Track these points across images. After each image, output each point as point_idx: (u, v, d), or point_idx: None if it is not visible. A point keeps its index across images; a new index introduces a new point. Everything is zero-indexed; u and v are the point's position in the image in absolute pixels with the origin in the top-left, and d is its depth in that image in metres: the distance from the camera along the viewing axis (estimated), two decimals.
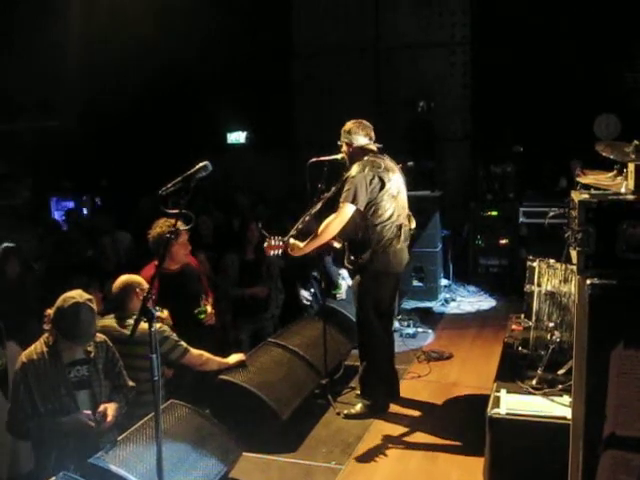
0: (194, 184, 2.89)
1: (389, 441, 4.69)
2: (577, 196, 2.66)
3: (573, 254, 2.65)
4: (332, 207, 5.02)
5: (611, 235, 2.40)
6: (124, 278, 4.44)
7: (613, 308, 2.37)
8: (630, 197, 2.55)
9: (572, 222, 2.67)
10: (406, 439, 4.72)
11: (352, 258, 5.08)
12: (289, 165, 10.57)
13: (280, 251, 4.96)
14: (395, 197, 5.00)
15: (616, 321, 2.37)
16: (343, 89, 10.46)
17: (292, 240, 4.94)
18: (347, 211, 4.84)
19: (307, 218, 5.03)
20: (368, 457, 4.47)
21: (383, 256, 4.95)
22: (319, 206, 5.04)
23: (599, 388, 2.41)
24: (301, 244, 4.95)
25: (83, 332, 3.67)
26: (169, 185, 2.94)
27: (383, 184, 4.92)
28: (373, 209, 4.90)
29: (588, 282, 2.40)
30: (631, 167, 2.63)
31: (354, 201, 4.82)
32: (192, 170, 2.94)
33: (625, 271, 2.39)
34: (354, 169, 4.89)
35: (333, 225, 4.85)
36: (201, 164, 2.95)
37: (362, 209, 4.86)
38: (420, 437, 4.73)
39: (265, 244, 4.94)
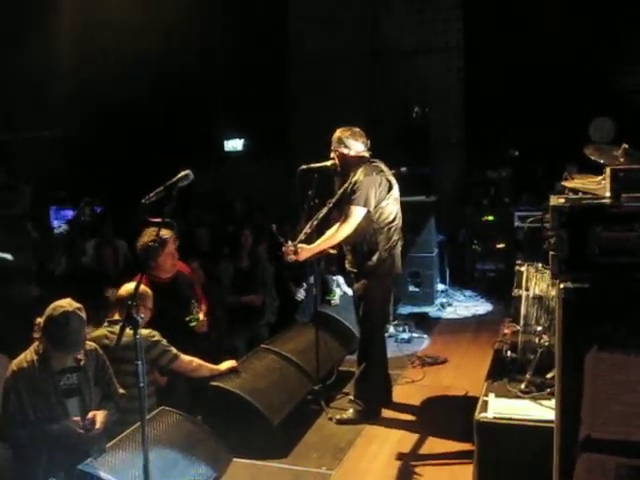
0: (176, 192, 2.93)
1: (380, 446, 4.70)
2: (553, 201, 2.68)
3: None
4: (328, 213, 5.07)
5: (584, 239, 2.42)
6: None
7: (586, 311, 2.39)
8: (605, 201, 2.57)
9: (549, 227, 2.70)
10: (397, 444, 4.72)
11: (358, 262, 5.07)
12: (286, 172, 10.58)
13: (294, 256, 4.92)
14: (397, 200, 5.07)
15: (590, 324, 2.39)
16: (338, 96, 10.46)
17: (300, 244, 4.94)
18: (358, 214, 4.86)
19: (315, 222, 5.04)
20: (359, 462, 4.48)
21: (389, 259, 5.00)
22: (325, 211, 5.05)
23: (574, 391, 2.42)
24: (308, 246, 4.96)
25: (72, 341, 3.70)
26: (151, 194, 2.97)
27: (390, 187, 4.99)
28: (379, 212, 4.93)
29: (561, 286, 2.42)
30: (607, 171, 2.65)
31: (365, 204, 4.85)
32: (174, 179, 2.98)
33: (598, 274, 2.41)
34: (360, 173, 4.90)
35: (344, 228, 4.88)
36: (182, 173, 2.98)
37: (371, 211, 4.89)
38: (411, 442, 4.74)
39: (283, 249, 4.95)
